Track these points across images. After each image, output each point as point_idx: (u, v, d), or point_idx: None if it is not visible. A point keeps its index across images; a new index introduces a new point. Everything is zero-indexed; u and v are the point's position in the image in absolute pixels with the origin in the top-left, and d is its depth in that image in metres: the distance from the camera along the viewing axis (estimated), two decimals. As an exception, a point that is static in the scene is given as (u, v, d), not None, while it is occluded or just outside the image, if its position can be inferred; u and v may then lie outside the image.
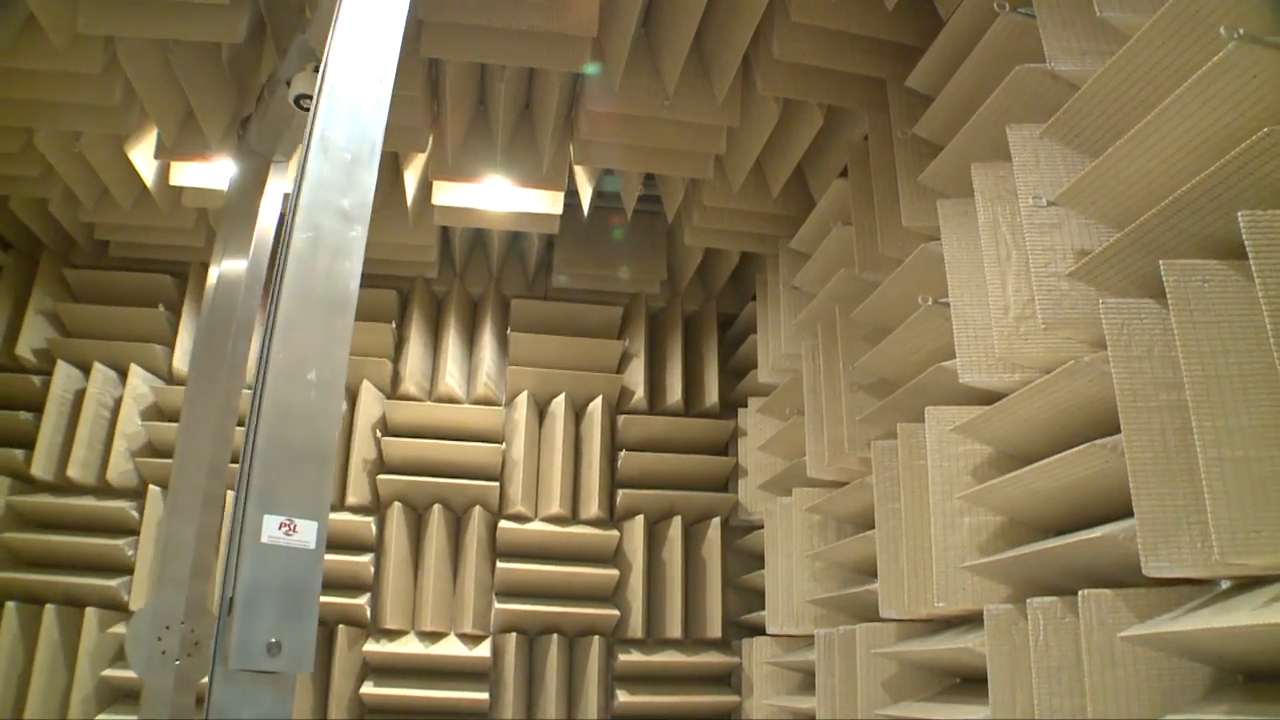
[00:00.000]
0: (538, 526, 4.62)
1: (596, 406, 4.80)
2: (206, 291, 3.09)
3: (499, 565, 4.51)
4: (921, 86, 3.10)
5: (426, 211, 4.41)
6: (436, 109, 3.87)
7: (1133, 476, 1.89)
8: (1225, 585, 1.91)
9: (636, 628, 4.52)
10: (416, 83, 3.52)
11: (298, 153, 3.19)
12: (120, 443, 4.46)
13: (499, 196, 4.17)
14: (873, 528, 3.15)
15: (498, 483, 4.66)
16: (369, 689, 4.24)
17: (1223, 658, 1.89)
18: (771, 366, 4.37)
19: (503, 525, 4.58)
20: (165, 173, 4.13)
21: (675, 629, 4.53)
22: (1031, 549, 2.37)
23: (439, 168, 4.07)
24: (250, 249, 3.09)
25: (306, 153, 1.82)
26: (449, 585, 4.51)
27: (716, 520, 4.73)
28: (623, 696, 4.41)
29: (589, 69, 3.43)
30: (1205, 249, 1.91)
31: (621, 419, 4.89)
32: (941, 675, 3.01)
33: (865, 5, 3.17)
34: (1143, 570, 1.83)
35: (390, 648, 4.35)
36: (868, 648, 3.13)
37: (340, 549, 4.42)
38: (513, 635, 4.45)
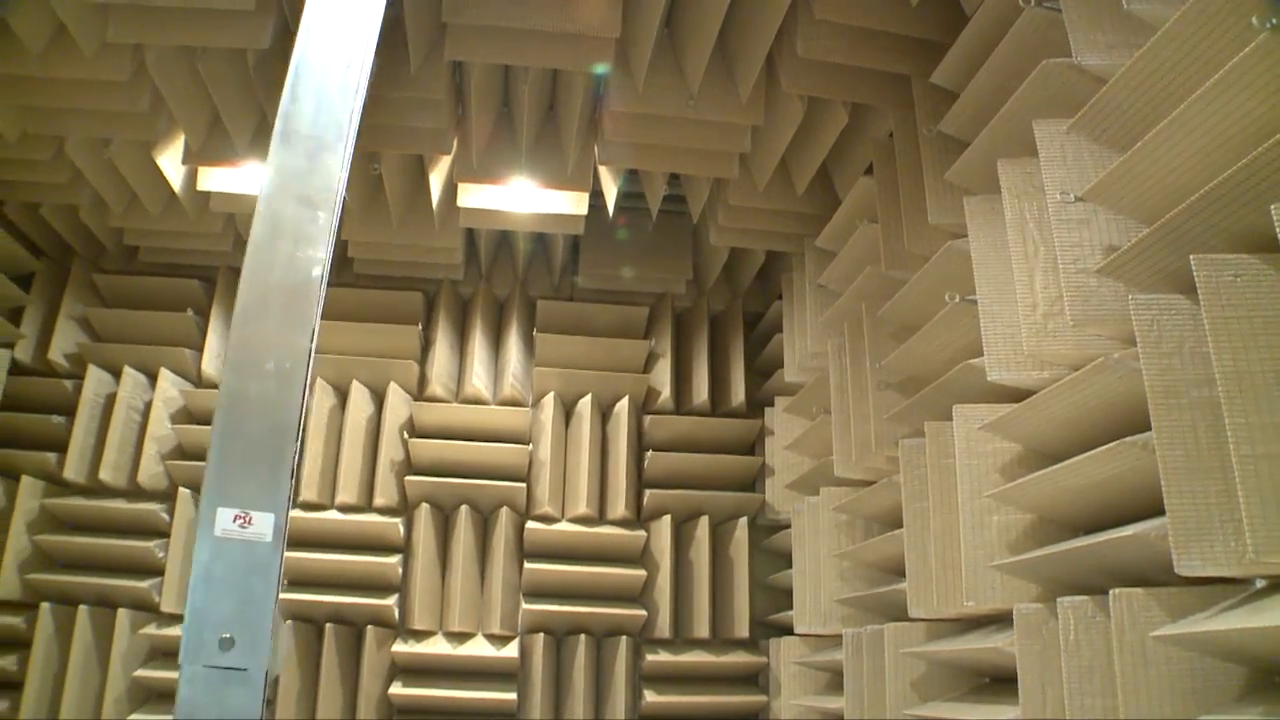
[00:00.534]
0: (565, 527, 4.62)
1: (623, 407, 4.80)
2: None
3: (526, 566, 4.52)
4: (946, 82, 3.08)
5: (452, 214, 4.43)
6: (461, 112, 3.89)
7: (1164, 474, 1.86)
8: (1260, 584, 1.88)
9: (664, 628, 4.52)
10: (441, 86, 3.54)
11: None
12: (150, 445, 4.51)
13: (524, 198, 4.19)
14: (901, 527, 3.13)
15: (525, 483, 4.67)
16: (397, 689, 4.26)
17: (1258, 658, 1.86)
18: (798, 365, 4.35)
19: (530, 526, 4.59)
20: (193, 178, 4.18)
21: (703, 629, 4.52)
22: (1061, 548, 2.34)
23: (464, 170, 4.09)
24: None
25: (271, 142, 1.81)
26: (477, 586, 4.53)
27: (744, 520, 4.72)
28: (650, 696, 4.40)
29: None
30: (1237, 243, 1.89)
31: (648, 419, 4.89)
32: (971, 675, 2.99)
33: (889, 1, 3.16)
34: (1175, 569, 1.81)
35: (418, 648, 4.37)
36: (896, 647, 3.11)
37: (368, 550, 4.45)
38: (540, 635, 4.46)
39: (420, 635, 4.42)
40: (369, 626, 4.37)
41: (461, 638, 4.44)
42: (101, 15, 3.24)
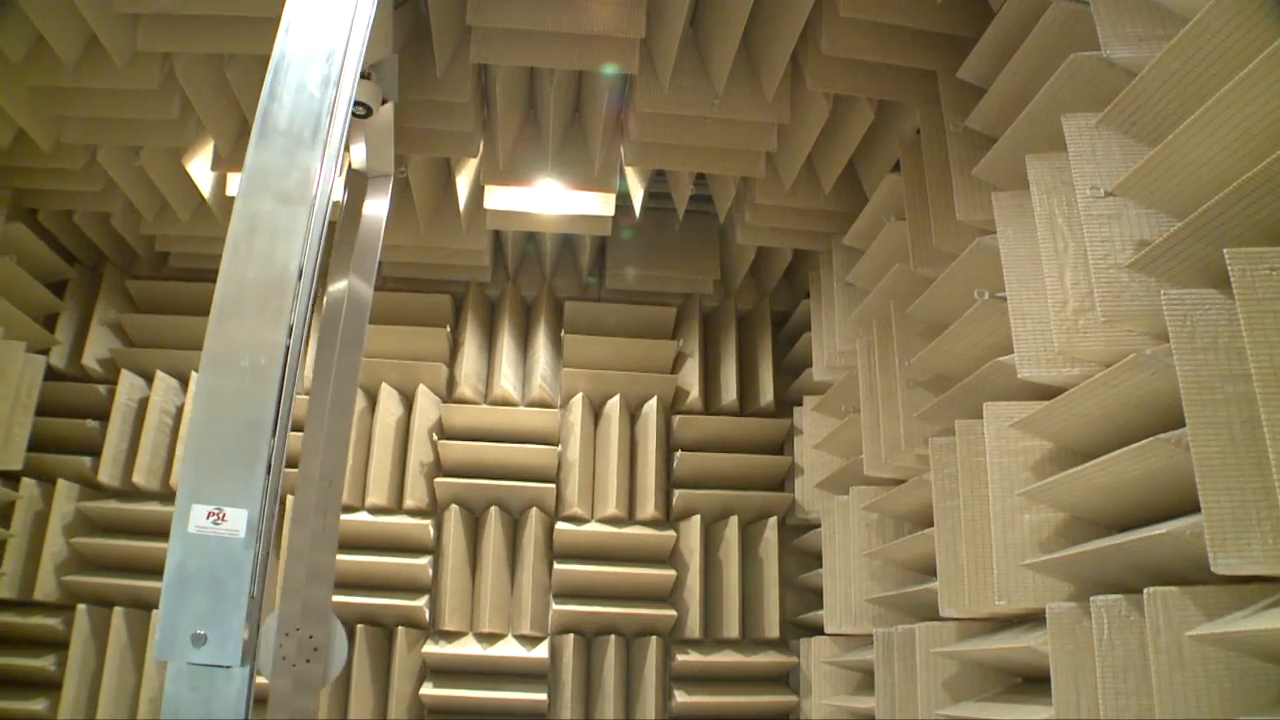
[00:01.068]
0: (594, 528, 4.63)
1: (651, 407, 4.80)
2: (323, 307, 3.19)
3: (556, 566, 4.53)
4: (973, 78, 3.06)
5: (479, 216, 4.44)
6: (487, 114, 3.90)
7: (1199, 471, 1.84)
8: (1299, 582, 1.86)
9: (694, 628, 4.51)
10: (466, 89, 3.55)
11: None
12: (183, 449, 4.55)
13: (551, 199, 4.19)
14: (931, 525, 3.11)
15: (554, 484, 4.68)
16: (428, 690, 4.28)
17: (1297, 658, 1.84)
18: (826, 364, 4.34)
19: (559, 527, 4.60)
20: (222, 184, 4.23)
21: (733, 629, 4.51)
22: (1094, 546, 2.32)
23: (490, 172, 4.10)
24: (350, 263, 3.19)
25: (250, 141, 1.80)
26: (507, 587, 4.54)
27: (773, 520, 4.70)
28: (680, 697, 4.40)
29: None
30: (1271, 236, 1.86)
31: (677, 419, 4.88)
32: (1003, 675, 2.97)
33: (915, -3, 3.15)
34: (1211, 568, 1.78)
35: (449, 649, 4.39)
36: (927, 647, 3.10)
37: (399, 552, 4.48)
38: (570, 636, 4.46)
39: (451, 636, 4.44)
40: (400, 627, 4.39)
41: (492, 638, 4.45)
42: (132, 25, 3.29)
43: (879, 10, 3.16)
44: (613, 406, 4.79)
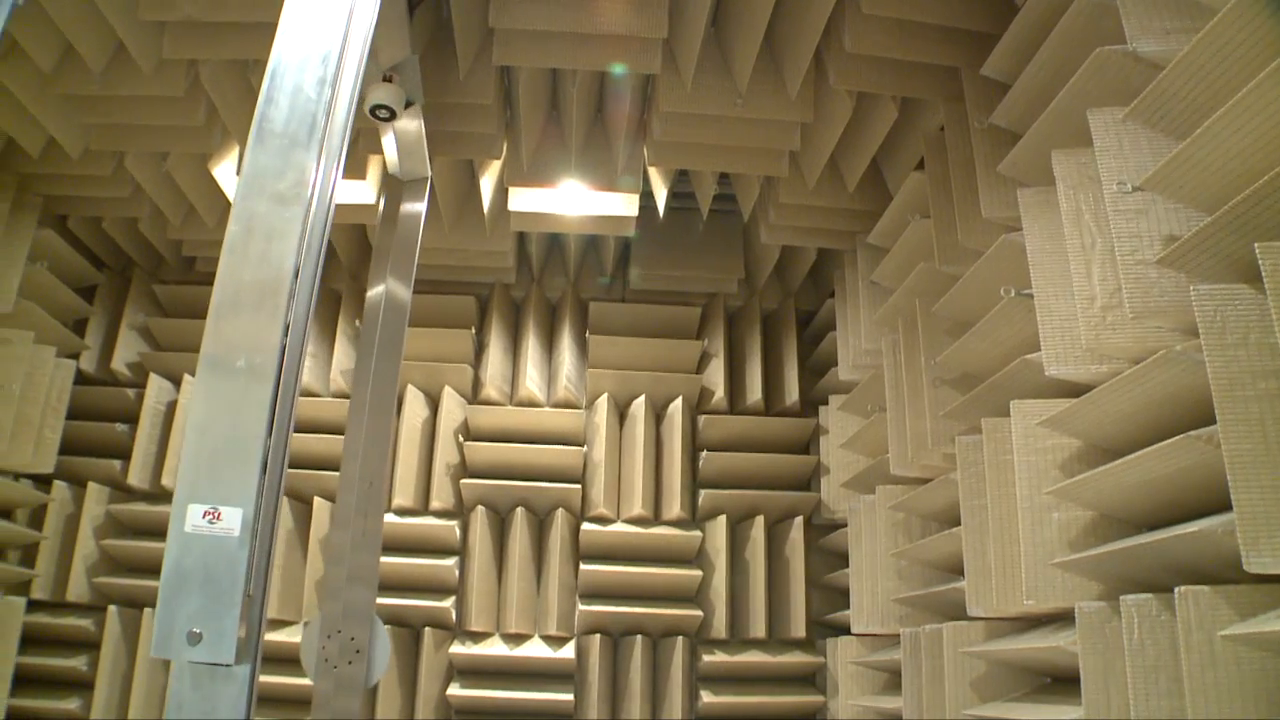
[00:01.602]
0: (620, 528, 4.63)
1: (677, 407, 4.80)
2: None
3: (582, 567, 4.54)
4: (997, 74, 3.04)
5: (503, 218, 4.46)
6: (510, 116, 3.91)
7: (1230, 468, 1.82)
8: (1333, 581, 1.83)
9: (720, 628, 4.50)
10: (489, 91, 3.56)
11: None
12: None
13: (574, 200, 4.20)
14: (958, 525, 3.09)
15: (580, 485, 4.69)
16: (455, 690, 4.30)
17: (1331, 657, 1.81)
18: (852, 363, 4.32)
19: (585, 527, 4.61)
20: (249, 188, 4.25)
21: (759, 629, 4.50)
22: (1124, 545, 2.30)
23: (514, 174, 4.11)
24: (387, 267, 3.22)
25: (247, 144, 1.81)
26: (533, 587, 4.55)
27: (799, 519, 4.69)
28: (707, 697, 4.39)
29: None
30: (1302, 230, 1.84)
31: (702, 419, 4.88)
32: (1031, 675, 2.95)
33: (938, -7, 3.13)
34: (1244, 566, 1.76)
35: (476, 650, 4.40)
36: (955, 647, 3.08)
37: (425, 553, 4.50)
38: (597, 636, 4.47)
39: (477, 637, 4.45)
40: (426, 628, 4.42)
41: (518, 639, 4.46)
42: (158, 33, 3.33)
43: (902, 6, 3.14)
44: (638, 407, 4.79)
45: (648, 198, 4.34)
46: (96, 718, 4.17)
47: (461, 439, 4.72)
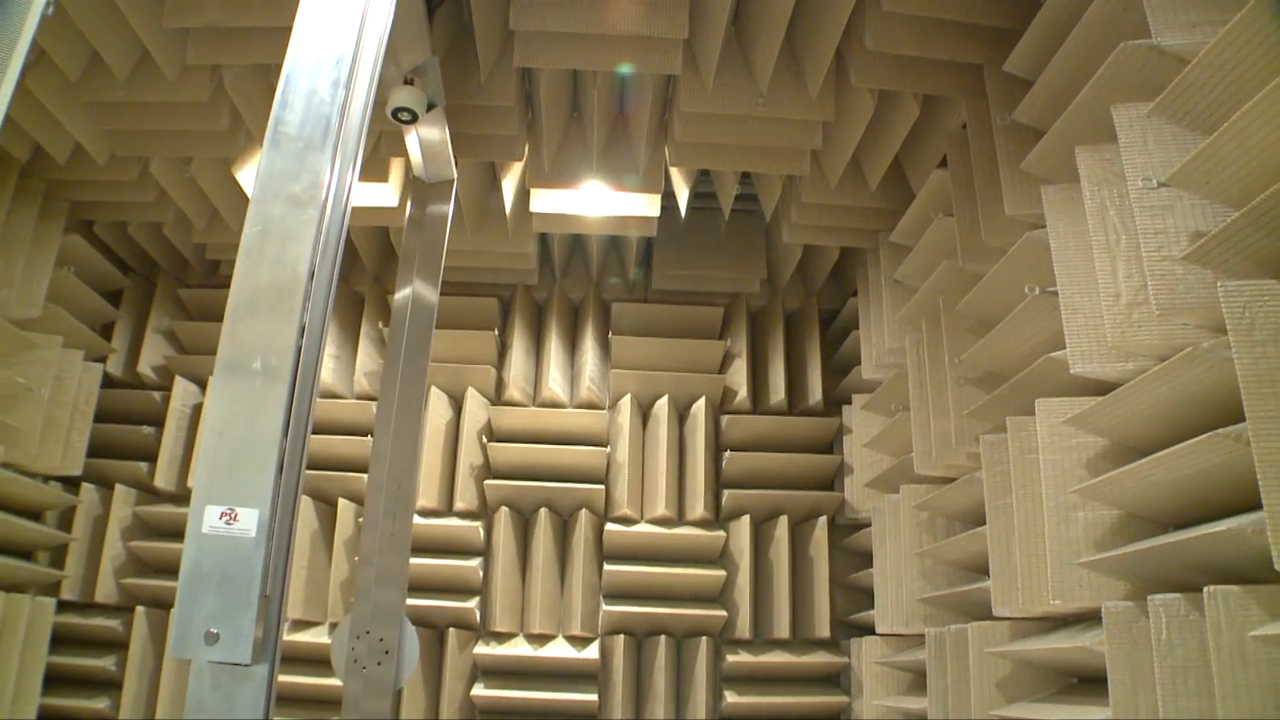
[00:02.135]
0: (644, 528, 4.63)
1: (700, 407, 4.79)
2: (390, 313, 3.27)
3: (606, 567, 4.54)
4: (1020, 70, 3.02)
5: (525, 219, 4.47)
6: (531, 117, 3.92)
7: (1260, 466, 1.80)
8: (1364, 580, 1.81)
9: (744, 628, 4.50)
10: (510, 93, 3.57)
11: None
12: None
13: (596, 201, 4.20)
14: (983, 524, 3.08)
15: (603, 486, 4.69)
16: (479, 690, 4.31)
17: (1363, 657, 1.79)
18: (875, 362, 4.31)
19: (609, 528, 4.61)
20: (272, 192, 4.28)
21: (783, 629, 4.49)
22: (1151, 544, 2.27)
23: (536, 175, 4.12)
24: (413, 271, 3.24)
25: (263, 148, 1.83)
26: (557, 588, 4.56)
27: (823, 519, 4.67)
28: (731, 697, 4.39)
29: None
30: (1332, 225, 1.82)
31: (725, 419, 4.87)
32: (1057, 675, 2.93)
33: (958, -10, 3.11)
34: (1275, 565, 1.74)
35: (500, 650, 4.41)
36: (980, 647, 3.06)
37: (449, 554, 4.52)
38: (620, 637, 4.47)
39: (501, 637, 4.46)
40: (451, 629, 4.43)
41: (542, 639, 4.47)
42: (181, 39, 3.36)
43: (923, 4, 3.13)
44: (661, 407, 4.79)
45: (669, 198, 4.34)
46: (125, 717, 4.22)
47: (485, 440, 4.74)
